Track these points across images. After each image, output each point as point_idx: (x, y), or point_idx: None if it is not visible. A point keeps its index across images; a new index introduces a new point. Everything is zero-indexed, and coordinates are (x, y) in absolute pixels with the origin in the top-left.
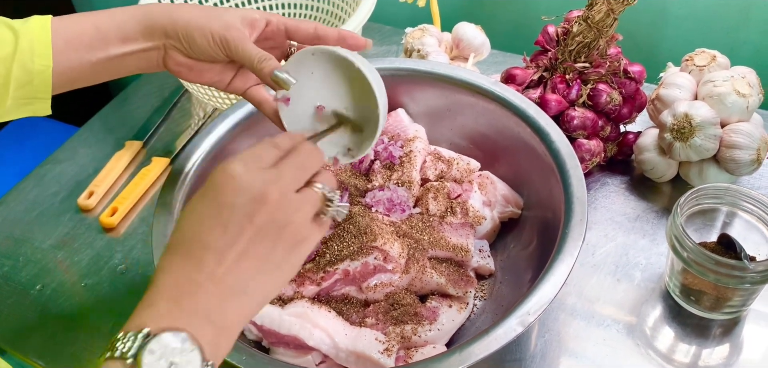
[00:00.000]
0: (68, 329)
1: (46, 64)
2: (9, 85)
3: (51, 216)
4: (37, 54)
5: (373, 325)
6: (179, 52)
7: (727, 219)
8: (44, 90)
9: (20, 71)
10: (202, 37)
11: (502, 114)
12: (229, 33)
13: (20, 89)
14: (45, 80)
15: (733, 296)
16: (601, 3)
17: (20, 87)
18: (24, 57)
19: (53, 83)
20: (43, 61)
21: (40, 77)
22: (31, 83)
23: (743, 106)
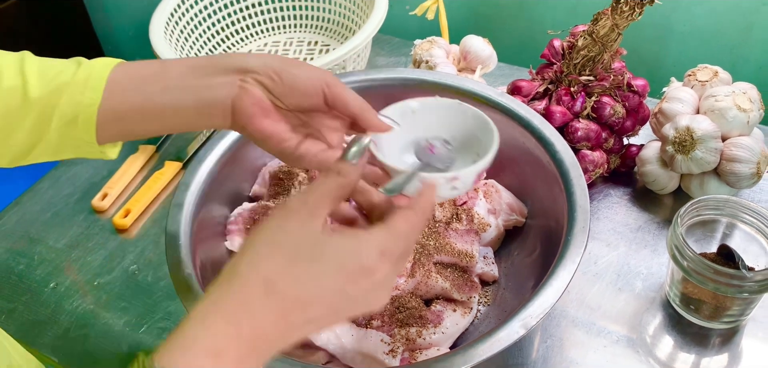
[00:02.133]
0: (81, 327)
1: (94, 98)
2: (53, 116)
3: (65, 217)
4: (90, 87)
5: (379, 327)
6: (263, 88)
7: (726, 231)
8: (87, 129)
9: (68, 103)
10: (301, 71)
11: (507, 124)
12: (328, 78)
13: (65, 124)
14: (89, 116)
15: (731, 305)
16: (606, 18)
17: (65, 122)
18: (76, 88)
19: (100, 123)
20: (92, 94)
21: (85, 113)
22: (76, 119)
23: (744, 121)
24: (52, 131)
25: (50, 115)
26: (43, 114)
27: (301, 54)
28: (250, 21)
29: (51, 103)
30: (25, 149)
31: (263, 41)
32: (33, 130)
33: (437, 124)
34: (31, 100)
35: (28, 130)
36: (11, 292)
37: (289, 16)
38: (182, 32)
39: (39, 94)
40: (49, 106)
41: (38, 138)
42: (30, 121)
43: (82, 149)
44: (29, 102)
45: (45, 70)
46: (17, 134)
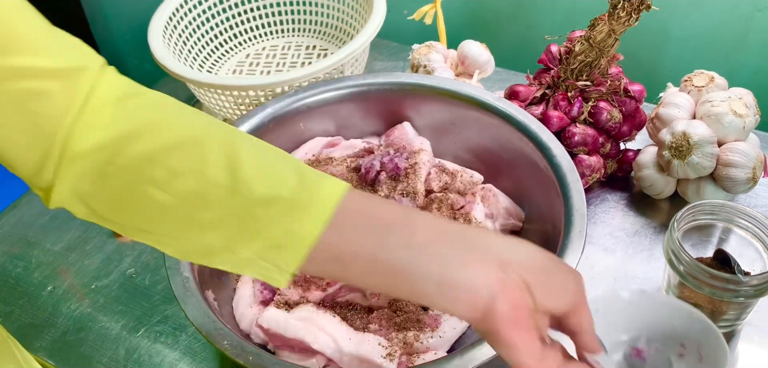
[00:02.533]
0: (78, 330)
1: (312, 231)
2: (258, 233)
3: (63, 221)
4: (311, 215)
5: (377, 331)
6: (525, 286)
7: (723, 236)
8: (289, 261)
9: (278, 227)
10: (566, 274)
11: (505, 129)
12: (582, 283)
13: (267, 247)
14: (299, 250)
15: (727, 309)
16: (603, 24)
17: (268, 245)
18: (293, 210)
19: (310, 259)
20: (312, 225)
21: (296, 244)
22: (281, 247)
23: (740, 126)
24: (250, 249)
25: (254, 231)
26: (244, 225)
27: (300, 58)
28: (248, 25)
29: (257, 217)
30: (204, 251)
31: (261, 45)
32: (228, 236)
33: (651, 321)
34: (232, 204)
35: (220, 233)
36: (8, 295)
37: (287, 21)
38: (180, 36)
39: (250, 183)
40: (254, 219)
41: (227, 247)
42: (229, 227)
43: (270, 276)
44: (230, 205)
45: (263, 169)
46: (205, 235)
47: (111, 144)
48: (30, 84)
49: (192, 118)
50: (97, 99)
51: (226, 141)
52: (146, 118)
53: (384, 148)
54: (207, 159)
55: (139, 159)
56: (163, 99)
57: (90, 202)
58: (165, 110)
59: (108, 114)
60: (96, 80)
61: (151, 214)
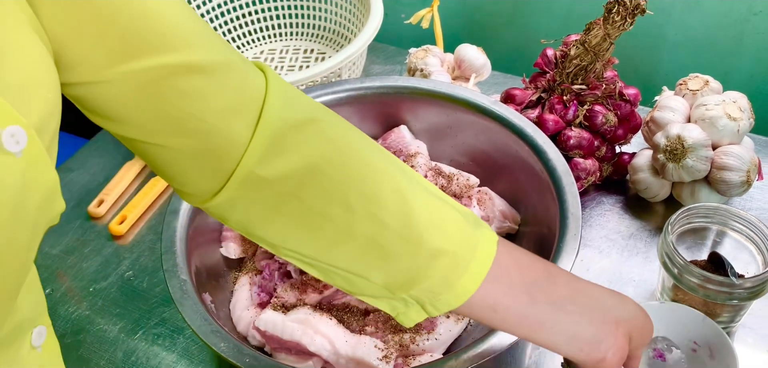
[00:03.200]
0: (76, 332)
1: (469, 288)
2: (420, 283)
3: (61, 223)
4: (470, 272)
5: (373, 333)
6: (629, 341)
7: (717, 239)
8: (439, 309)
9: (436, 281)
10: (645, 336)
11: (501, 132)
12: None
13: (420, 300)
14: (455, 302)
15: (721, 312)
16: (598, 28)
17: (422, 300)
18: (450, 270)
19: (465, 309)
20: (470, 282)
21: (453, 300)
22: (436, 299)
23: (734, 130)
24: (406, 292)
25: (416, 279)
26: (409, 273)
27: (297, 62)
28: (246, 29)
29: (421, 267)
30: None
31: (259, 48)
32: (389, 278)
33: (667, 326)
34: (401, 251)
35: (382, 273)
36: None
37: (285, 24)
38: None
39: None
40: (419, 268)
41: (386, 286)
42: (393, 271)
43: (409, 317)
44: (398, 251)
45: (432, 218)
46: (370, 273)
47: (294, 176)
48: (191, 81)
49: (367, 151)
50: (272, 118)
51: (399, 179)
52: (326, 150)
53: None
54: (381, 201)
55: (319, 193)
56: (337, 125)
57: (251, 221)
58: (343, 139)
59: (291, 142)
60: (263, 92)
61: (320, 245)
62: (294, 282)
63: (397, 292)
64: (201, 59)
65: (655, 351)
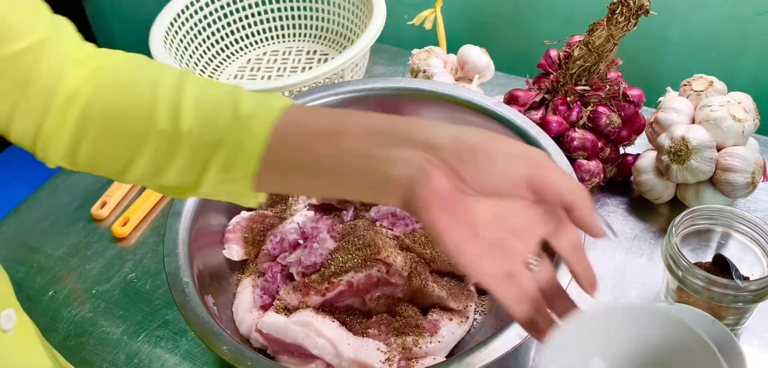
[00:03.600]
0: (79, 334)
1: (254, 152)
2: (209, 161)
3: (64, 226)
4: (251, 136)
5: (376, 336)
6: (450, 170)
7: (722, 240)
8: (245, 184)
9: (224, 153)
10: (502, 148)
11: (505, 134)
12: (538, 154)
13: (221, 171)
14: (247, 173)
15: (726, 314)
16: (602, 29)
17: (220, 169)
18: (235, 136)
19: (259, 178)
20: (253, 147)
21: (244, 167)
22: (232, 167)
23: (739, 131)
24: (209, 176)
25: (206, 160)
26: (196, 155)
27: (300, 63)
28: (249, 30)
29: (206, 143)
30: (180, 187)
31: (262, 50)
32: (186, 170)
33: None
34: (182, 134)
35: (180, 169)
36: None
37: (288, 25)
38: (182, 41)
39: (191, 129)
40: (204, 146)
41: (194, 179)
42: (182, 159)
43: (238, 198)
44: (180, 136)
45: (203, 100)
46: (168, 172)
47: (87, 100)
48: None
49: (145, 71)
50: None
51: (175, 83)
52: (114, 79)
53: None
54: (157, 107)
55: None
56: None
57: (75, 150)
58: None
59: (82, 75)
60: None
61: (118, 167)
62: (296, 284)
63: (201, 189)
64: None
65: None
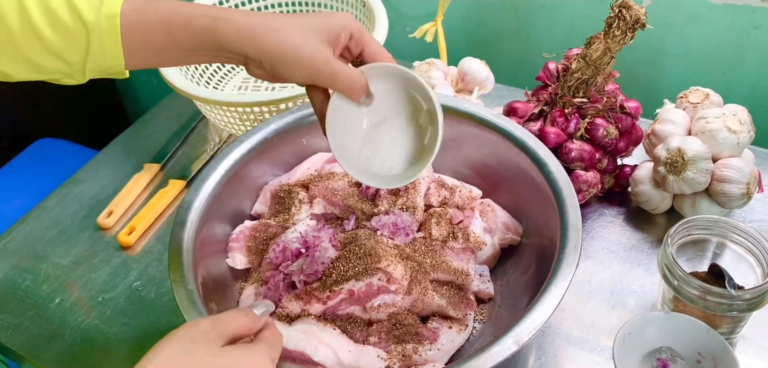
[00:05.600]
0: (85, 341)
1: (117, 63)
2: (85, 72)
3: (71, 234)
4: (109, 55)
5: (376, 343)
6: (262, 70)
7: (717, 250)
8: (118, 74)
9: (94, 64)
10: (287, 73)
11: (503, 145)
12: (316, 68)
13: (96, 74)
14: (118, 71)
15: (721, 323)
16: (599, 42)
17: (96, 73)
18: (96, 57)
19: (126, 66)
20: (114, 60)
21: (113, 69)
22: (105, 71)
23: (734, 142)
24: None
25: (83, 71)
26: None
27: None
28: None
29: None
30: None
31: None
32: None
33: (673, 336)
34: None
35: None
36: (17, 307)
37: None
38: None
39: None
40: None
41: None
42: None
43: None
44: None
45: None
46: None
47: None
48: None
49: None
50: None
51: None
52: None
53: None
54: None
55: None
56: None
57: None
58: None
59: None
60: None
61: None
62: (298, 292)
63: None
64: None
65: (659, 360)
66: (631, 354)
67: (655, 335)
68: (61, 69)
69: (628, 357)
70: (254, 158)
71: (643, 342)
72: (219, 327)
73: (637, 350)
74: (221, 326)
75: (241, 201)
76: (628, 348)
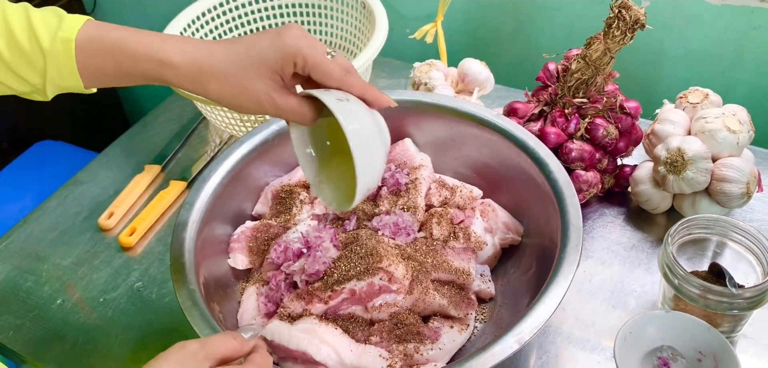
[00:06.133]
0: (87, 341)
1: (76, 84)
2: (46, 92)
3: (72, 236)
4: (66, 77)
5: (378, 343)
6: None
7: (717, 249)
8: (81, 91)
9: (53, 85)
10: (240, 110)
11: (504, 145)
12: (261, 106)
13: (59, 91)
14: (80, 90)
15: (722, 321)
16: (599, 43)
17: (58, 91)
18: (54, 78)
19: (86, 87)
20: (72, 82)
21: (74, 89)
22: (67, 89)
23: (733, 142)
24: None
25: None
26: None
27: None
28: None
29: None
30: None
31: None
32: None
33: (674, 335)
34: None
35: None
36: (19, 309)
37: None
38: None
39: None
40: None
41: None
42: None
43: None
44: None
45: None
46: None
47: None
48: None
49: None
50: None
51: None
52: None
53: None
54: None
55: None
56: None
57: None
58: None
59: None
60: None
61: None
62: (300, 292)
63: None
64: None
65: (660, 359)
66: (632, 353)
67: (656, 334)
68: (25, 89)
69: (629, 356)
70: (255, 159)
71: (644, 341)
72: (207, 349)
73: (638, 349)
74: (210, 348)
75: (243, 201)
76: (629, 347)
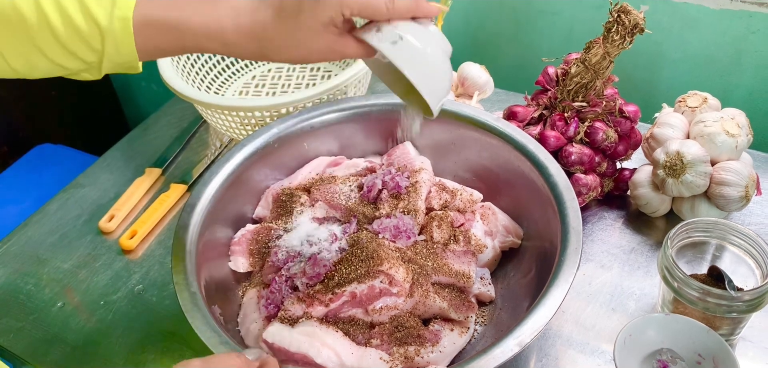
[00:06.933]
0: (87, 344)
1: (132, 60)
2: (101, 69)
3: (73, 239)
4: (123, 53)
5: (378, 346)
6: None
7: (716, 253)
8: (132, 69)
9: (109, 62)
10: (301, 63)
11: (503, 149)
12: (327, 58)
13: (111, 70)
14: (133, 67)
15: (721, 325)
16: (598, 47)
17: (111, 69)
18: (111, 56)
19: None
20: (129, 57)
21: (127, 65)
22: (120, 67)
23: (732, 146)
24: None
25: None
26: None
27: (304, 79)
28: None
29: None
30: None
31: (267, 67)
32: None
33: (673, 337)
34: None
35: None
36: (19, 312)
37: None
38: (189, 58)
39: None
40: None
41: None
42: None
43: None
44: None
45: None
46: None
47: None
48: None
49: None
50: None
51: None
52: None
53: (385, 166)
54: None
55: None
56: None
57: None
58: None
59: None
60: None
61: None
62: (301, 295)
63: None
64: None
65: (660, 362)
66: (632, 355)
67: (656, 336)
68: (77, 67)
69: (628, 358)
70: (256, 162)
71: (644, 343)
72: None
73: (637, 351)
74: (213, 366)
75: (243, 204)
76: (628, 350)
